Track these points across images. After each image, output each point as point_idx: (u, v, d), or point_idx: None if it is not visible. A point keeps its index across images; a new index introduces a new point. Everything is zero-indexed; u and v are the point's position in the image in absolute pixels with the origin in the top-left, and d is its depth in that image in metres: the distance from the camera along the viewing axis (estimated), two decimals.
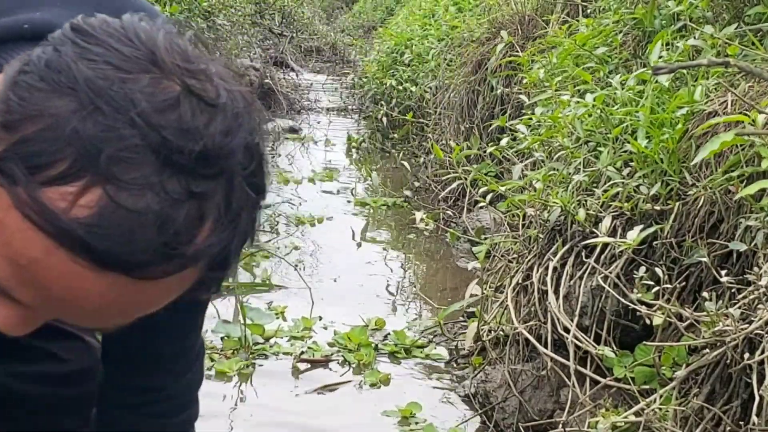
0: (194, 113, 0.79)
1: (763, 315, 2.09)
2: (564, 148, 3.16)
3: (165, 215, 0.78)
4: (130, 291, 0.82)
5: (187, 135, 0.78)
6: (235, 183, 0.82)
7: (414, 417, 3.07)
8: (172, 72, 0.80)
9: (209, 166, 0.80)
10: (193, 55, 0.84)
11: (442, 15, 7.75)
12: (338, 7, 20.03)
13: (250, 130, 0.84)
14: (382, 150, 7.81)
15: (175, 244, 0.80)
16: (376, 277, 4.55)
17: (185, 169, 0.79)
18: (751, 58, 2.71)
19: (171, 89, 0.79)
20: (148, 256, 0.79)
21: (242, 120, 0.83)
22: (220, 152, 0.81)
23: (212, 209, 0.81)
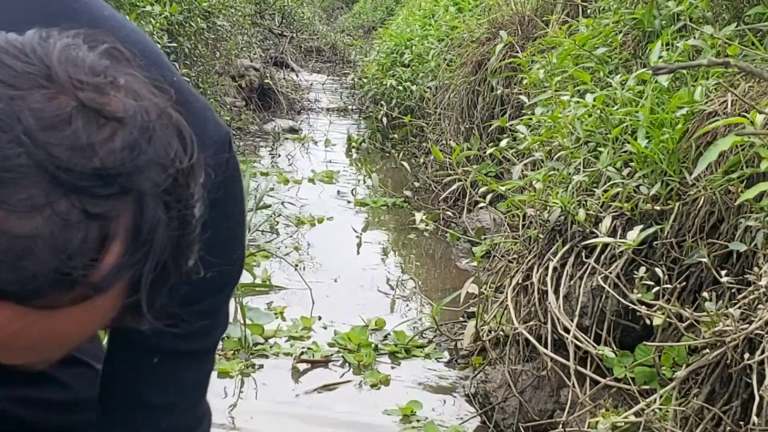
0: (90, 129, 0.74)
1: (763, 315, 2.09)
2: (564, 148, 3.16)
3: (56, 239, 0.72)
4: (35, 321, 0.76)
5: (79, 152, 0.73)
6: (145, 202, 0.76)
7: (414, 416, 3.08)
8: (68, 87, 0.75)
9: (109, 184, 0.74)
10: (100, 68, 0.78)
11: (442, 15, 7.76)
12: (338, 7, 20.03)
13: (165, 144, 0.78)
14: (382, 150, 7.81)
15: (71, 270, 0.73)
16: (376, 277, 4.55)
17: (79, 189, 0.73)
18: (751, 58, 2.71)
19: (64, 104, 0.74)
20: (42, 283, 0.73)
21: (154, 134, 0.77)
22: (122, 169, 0.74)
23: (119, 231, 0.75)
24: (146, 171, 0.76)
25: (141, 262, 0.77)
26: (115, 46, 0.82)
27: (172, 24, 6.28)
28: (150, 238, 0.77)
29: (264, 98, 9.52)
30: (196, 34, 6.91)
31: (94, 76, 0.77)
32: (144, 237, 0.77)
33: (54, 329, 0.79)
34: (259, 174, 6.63)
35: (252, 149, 7.87)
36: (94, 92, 0.76)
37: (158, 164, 0.77)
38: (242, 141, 8.07)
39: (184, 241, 0.82)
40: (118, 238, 0.75)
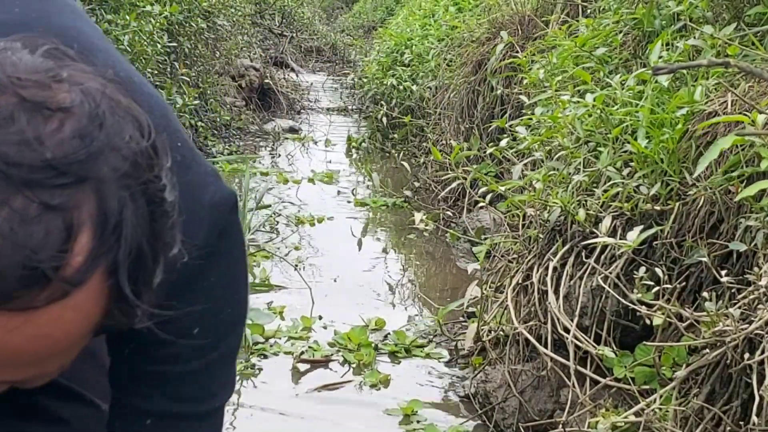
0: (36, 122, 0.74)
1: (763, 315, 2.09)
2: (564, 148, 3.16)
3: (17, 235, 0.71)
4: (17, 327, 0.74)
5: (27, 146, 0.72)
6: (106, 188, 0.75)
7: (415, 416, 3.08)
8: (7, 86, 0.75)
9: (63, 174, 0.73)
10: (41, 67, 0.77)
11: (442, 15, 7.76)
12: (338, 7, 20.04)
13: (118, 130, 0.77)
14: (382, 150, 7.81)
15: (38, 264, 0.72)
16: (376, 277, 4.55)
17: (32, 183, 0.72)
18: (751, 58, 2.71)
19: (4, 103, 0.74)
20: (11, 282, 0.72)
21: (104, 120, 0.76)
22: (75, 158, 0.74)
23: (84, 220, 0.74)
24: (101, 157, 0.75)
25: (114, 249, 0.76)
26: (57, 47, 0.81)
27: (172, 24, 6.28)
28: (118, 223, 0.76)
29: (264, 98, 9.52)
30: (196, 34, 6.91)
31: (34, 73, 0.77)
32: (112, 223, 0.75)
33: (40, 333, 0.77)
34: (259, 174, 6.64)
35: (252, 149, 7.87)
36: (36, 88, 0.76)
37: (113, 149, 0.76)
38: (242, 141, 8.08)
39: (158, 225, 0.80)
40: (85, 227, 0.74)
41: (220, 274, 1.06)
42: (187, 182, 0.99)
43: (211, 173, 1.06)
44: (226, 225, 1.05)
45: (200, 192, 1.02)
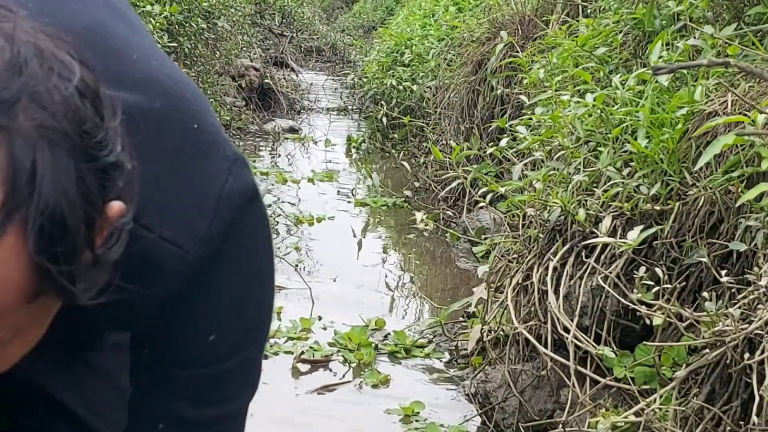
0: None
1: (763, 315, 2.09)
2: (564, 148, 3.16)
3: None
4: None
5: None
6: (17, 138, 0.70)
7: (415, 416, 3.08)
8: None
9: None
10: None
11: (442, 15, 7.76)
12: (338, 7, 20.03)
13: (40, 80, 0.72)
14: (382, 150, 7.81)
15: None
16: (376, 277, 4.55)
17: None
18: (751, 58, 2.71)
19: None
20: None
21: (26, 68, 0.72)
22: None
23: None
24: (17, 104, 0.71)
25: (25, 205, 0.70)
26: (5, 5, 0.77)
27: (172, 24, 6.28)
28: (32, 176, 0.70)
29: (264, 98, 9.52)
30: (196, 34, 6.91)
31: None
32: (24, 176, 0.70)
33: None
34: (259, 174, 6.64)
35: (252, 149, 7.87)
36: None
37: (33, 98, 0.71)
38: (242, 141, 8.08)
39: (88, 185, 0.74)
40: None
41: (233, 273, 0.99)
42: (195, 168, 0.95)
43: (232, 161, 0.98)
44: (239, 218, 0.97)
45: (210, 181, 0.96)
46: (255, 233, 1.01)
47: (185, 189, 0.95)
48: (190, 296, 0.97)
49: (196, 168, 0.96)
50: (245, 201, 0.98)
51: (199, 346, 1.01)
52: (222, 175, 0.97)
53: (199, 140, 0.97)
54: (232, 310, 1.01)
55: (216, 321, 1.00)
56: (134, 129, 0.87)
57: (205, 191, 0.96)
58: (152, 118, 0.93)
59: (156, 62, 1.00)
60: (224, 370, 1.04)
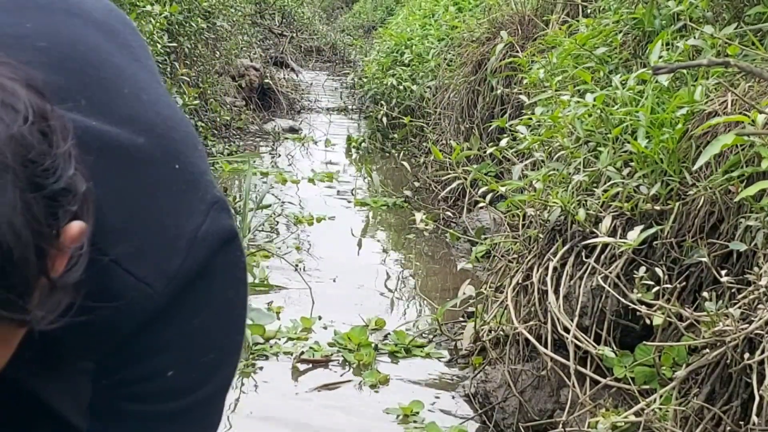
0: None
1: (763, 315, 2.09)
2: (564, 148, 3.16)
3: None
4: None
5: None
6: None
7: (415, 415, 3.08)
8: None
9: None
10: None
11: (442, 15, 7.76)
12: (338, 7, 20.02)
13: None
14: (382, 150, 7.81)
15: None
16: (376, 277, 4.55)
17: None
18: (751, 58, 2.71)
19: None
20: None
21: None
22: None
23: None
24: None
25: None
26: None
27: (172, 24, 6.28)
28: None
29: (264, 98, 9.52)
30: (196, 34, 6.91)
31: None
32: None
33: None
34: (259, 174, 6.64)
35: (252, 149, 7.87)
36: None
37: None
38: (242, 141, 8.08)
39: (37, 211, 0.72)
40: None
41: (199, 312, 0.97)
42: (171, 207, 0.94)
43: (210, 203, 0.97)
44: (212, 259, 0.96)
45: (186, 221, 0.94)
46: (227, 275, 0.99)
47: (159, 227, 0.94)
48: (152, 331, 0.96)
49: (172, 207, 0.95)
50: (220, 243, 0.97)
51: (156, 382, 0.99)
52: (199, 217, 0.96)
53: (179, 179, 0.96)
54: (194, 347, 0.99)
55: (177, 357, 0.98)
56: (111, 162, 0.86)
57: (179, 231, 0.94)
58: (132, 153, 0.92)
59: (147, 98, 0.99)
60: (181, 408, 1.02)
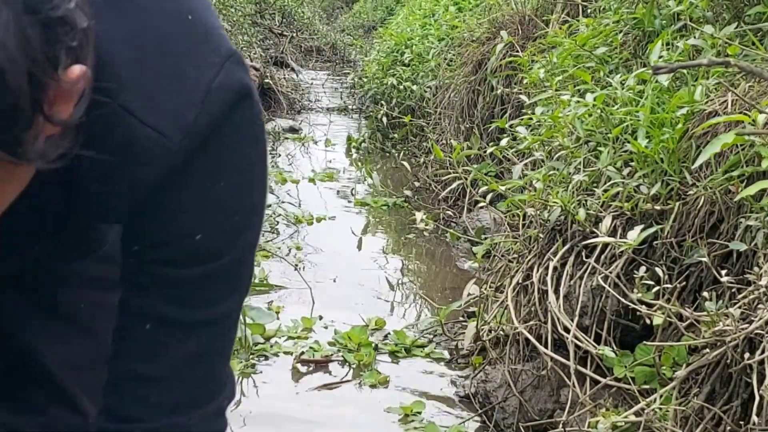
0: None
1: (763, 315, 2.09)
2: (564, 147, 3.16)
3: None
4: None
5: None
6: None
7: (415, 416, 3.08)
8: None
9: None
10: None
11: (442, 15, 7.76)
12: (338, 7, 20.03)
13: None
14: (382, 150, 7.81)
15: None
16: (376, 277, 4.55)
17: None
18: (751, 57, 2.71)
19: None
20: None
21: None
22: None
23: None
24: None
25: None
26: None
27: None
28: None
29: (264, 98, 9.52)
30: None
31: None
32: None
33: None
34: None
35: None
36: None
37: None
38: None
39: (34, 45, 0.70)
40: None
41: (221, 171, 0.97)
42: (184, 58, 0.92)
43: (225, 56, 0.94)
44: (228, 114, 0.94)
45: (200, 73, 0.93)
46: (245, 131, 0.98)
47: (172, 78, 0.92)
48: (175, 190, 0.95)
49: (185, 58, 0.93)
50: (236, 97, 0.95)
51: (186, 246, 0.99)
52: (213, 69, 0.93)
53: (191, 31, 0.94)
54: (219, 209, 0.99)
55: (202, 220, 0.99)
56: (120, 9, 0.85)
57: (193, 83, 0.93)
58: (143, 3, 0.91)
59: None
60: (211, 271, 1.02)
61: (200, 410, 1.10)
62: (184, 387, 1.08)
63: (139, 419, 1.07)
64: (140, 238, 1.01)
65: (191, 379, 1.08)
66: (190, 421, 1.08)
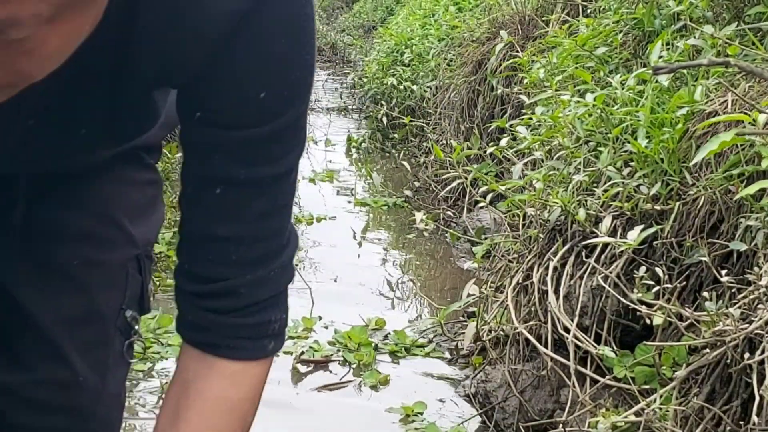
0: None
1: (763, 315, 2.09)
2: (564, 147, 3.16)
3: None
4: None
5: None
6: None
7: (415, 416, 3.08)
8: None
9: None
10: None
11: (442, 15, 7.76)
12: (338, 7, 20.00)
13: None
14: (382, 150, 7.81)
15: None
16: (376, 277, 4.55)
17: None
18: (751, 57, 2.71)
19: None
20: None
21: None
22: None
23: None
24: None
25: None
26: None
27: None
28: None
29: None
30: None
31: None
32: None
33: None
34: None
35: None
36: None
37: None
38: None
39: None
40: None
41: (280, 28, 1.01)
42: None
43: None
44: None
45: None
46: None
47: None
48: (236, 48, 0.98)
49: None
50: None
51: (250, 105, 1.03)
52: None
53: None
54: (280, 65, 1.02)
55: (265, 77, 1.02)
56: None
57: None
58: None
59: None
60: (276, 128, 1.06)
61: (277, 261, 1.16)
62: (261, 242, 1.13)
63: (223, 278, 1.13)
64: (203, 103, 1.04)
65: (266, 234, 1.14)
66: (270, 273, 1.15)
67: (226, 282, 1.13)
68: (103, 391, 1.28)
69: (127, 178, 1.28)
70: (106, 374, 1.27)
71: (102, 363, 1.27)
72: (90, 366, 1.25)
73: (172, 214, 4.46)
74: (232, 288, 1.13)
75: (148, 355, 3.32)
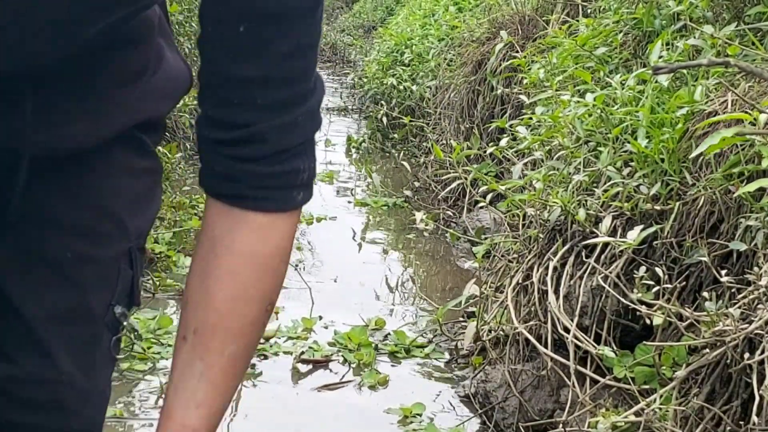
0: None
1: (763, 315, 2.09)
2: (564, 147, 3.16)
3: None
4: None
5: None
6: None
7: (414, 417, 3.08)
8: None
9: None
10: None
11: (442, 15, 7.76)
12: (338, 7, 20.01)
13: None
14: (382, 150, 7.81)
15: None
16: (376, 277, 4.55)
17: None
18: (751, 57, 2.71)
19: None
20: None
21: None
22: None
23: None
24: None
25: None
26: None
27: (172, 24, 6.28)
28: None
29: None
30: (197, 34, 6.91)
31: None
32: None
33: None
34: None
35: None
36: None
37: None
38: None
39: None
40: None
41: None
42: None
43: None
44: None
45: None
46: None
47: None
48: None
49: None
50: None
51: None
52: None
53: None
54: None
55: None
56: None
57: None
58: None
59: None
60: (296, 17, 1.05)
61: (303, 106, 1.12)
62: (287, 84, 1.10)
63: (249, 123, 1.09)
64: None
65: (292, 76, 1.10)
66: (297, 118, 1.12)
67: (251, 127, 1.09)
68: (89, 389, 1.23)
69: (126, 167, 1.24)
70: (92, 371, 1.22)
71: (89, 360, 1.22)
72: (76, 363, 1.20)
73: (172, 214, 4.46)
74: (258, 133, 1.09)
75: (148, 355, 3.32)
